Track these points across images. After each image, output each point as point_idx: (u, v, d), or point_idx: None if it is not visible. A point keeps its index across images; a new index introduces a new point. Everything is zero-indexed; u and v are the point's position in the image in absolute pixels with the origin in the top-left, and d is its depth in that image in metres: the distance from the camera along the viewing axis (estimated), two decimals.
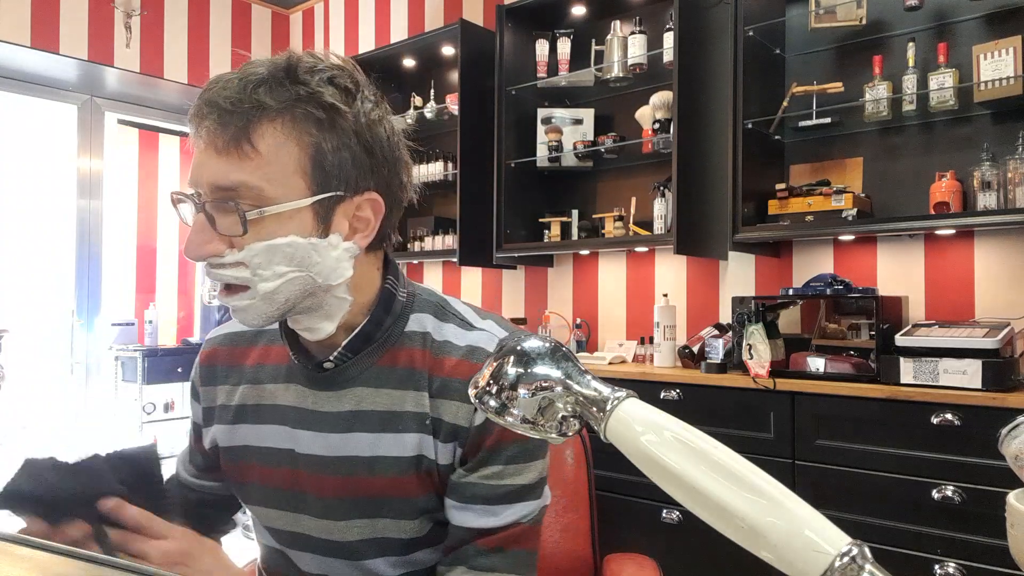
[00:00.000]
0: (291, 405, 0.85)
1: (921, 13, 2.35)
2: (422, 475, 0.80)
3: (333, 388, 0.83)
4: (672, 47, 2.68)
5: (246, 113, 0.71)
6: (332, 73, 0.76)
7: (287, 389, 0.86)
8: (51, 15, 3.76)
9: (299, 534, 0.85)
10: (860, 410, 2.05)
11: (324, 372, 0.83)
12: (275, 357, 0.89)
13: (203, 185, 0.72)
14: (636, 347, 2.98)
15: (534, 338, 0.63)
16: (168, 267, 4.88)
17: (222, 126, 0.71)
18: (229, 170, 0.71)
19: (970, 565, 1.85)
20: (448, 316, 0.86)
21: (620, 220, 2.96)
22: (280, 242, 0.72)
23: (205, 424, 0.94)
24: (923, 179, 2.35)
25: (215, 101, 0.72)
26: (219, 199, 0.72)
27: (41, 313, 4.40)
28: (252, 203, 0.71)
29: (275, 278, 0.73)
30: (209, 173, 0.72)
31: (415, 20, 3.98)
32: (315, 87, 0.73)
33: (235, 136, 0.71)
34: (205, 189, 0.72)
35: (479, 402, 0.61)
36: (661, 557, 1.28)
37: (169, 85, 4.26)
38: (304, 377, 0.85)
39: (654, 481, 0.51)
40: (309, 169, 0.73)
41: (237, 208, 0.71)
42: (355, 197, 0.76)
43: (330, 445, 0.82)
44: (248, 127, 0.71)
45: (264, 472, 0.86)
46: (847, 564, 0.42)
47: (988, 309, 2.29)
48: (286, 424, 0.85)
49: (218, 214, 0.72)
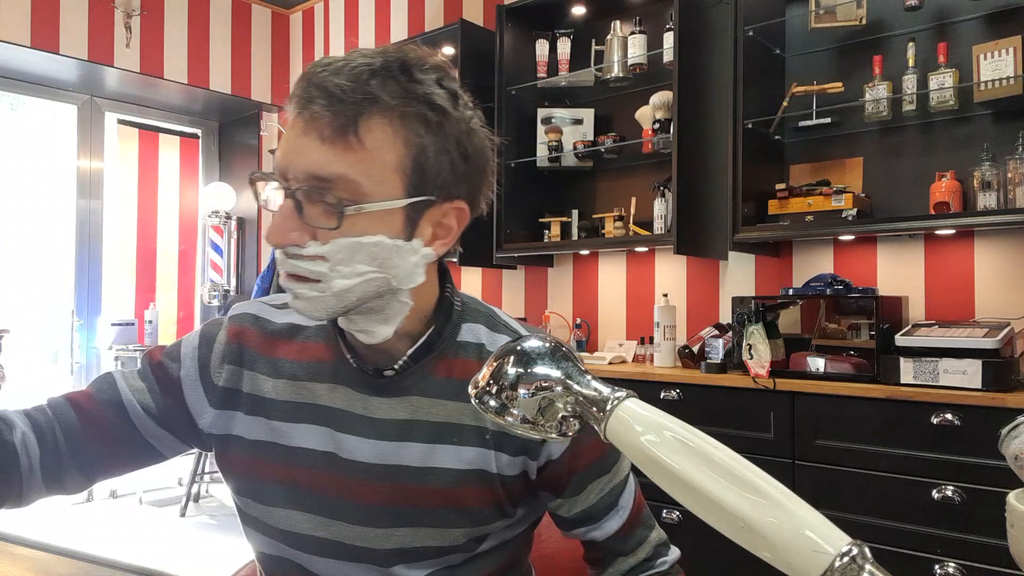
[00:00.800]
0: (338, 408, 0.81)
1: (921, 13, 2.35)
2: (480, 488, 0.80)
3: (388, 395, 0.80)
4: (672, 47, 2.68)
5: (357, 104, 0.68)
6: (440, 74, 0.74)
7: (333, 391, 0.82)
8: (51, 15, 3.76)
9: (324, 539, 0.81)
10: (860, 410, 2.05)
11: (383, 379, 0.80)
12: (313, 354, 0.84)
13: (296, 170, 0.69)
14: (636, 347, 2.98)
15: (534, 338, 0.63)
16: (168, 267, 4.88)
17: (332, 114, 0.68)
18: (330, 160, 0.68)
19: (970, 565, 1.85)
20: (499, 327, 0.85)
21: (620, 220, 2.96)
22: (367, 240, 0.70)
23: (218, 405, 0.84)
24: (923, 179, 2.35)
25: (324, 86, 0.68)
26: (314, 188, 0.69)
27: (41, 313, 4.40)
28: (346, 197, 0.69)
29: (353, 276, 0.71)
30: (307, 161, 0.69)
31: (415, 20, 3.98)
32: (429, 87, 0.71)
33: (343, 126, 0.68)
34: (298, 175, 0.69)
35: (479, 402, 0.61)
36: None
37: (169, 85, 4.26)
38: (355, 381, 0.81)
39: (654, 481, 0.51)
40: (409, 170, 0.71)
41: (337, 202, 0.69)
42: (444, 204, 0.75)
43: (380, 452, 0.79)
44: (358, 118, 0.68)
45: (294, 473, 0.81)
46: (847, 564, 0.42)
47: (988, 309, 2.29)
48: (329, 426, 0.81)
49: (308, 203, 0.69)
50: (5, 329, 3.56)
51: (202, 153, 4.96)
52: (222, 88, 4.43)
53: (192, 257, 4.93)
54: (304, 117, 0.69)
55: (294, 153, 0.69)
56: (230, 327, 0.86)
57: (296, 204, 0.69)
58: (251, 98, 4.57)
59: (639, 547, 0.85)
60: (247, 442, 0.83)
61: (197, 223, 4.91)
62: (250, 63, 4.57)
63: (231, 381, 0.84)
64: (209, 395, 0.84)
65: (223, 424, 0.84)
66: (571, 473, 0.81)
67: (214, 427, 0.84)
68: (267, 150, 4.74)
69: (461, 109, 0.75)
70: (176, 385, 0.85)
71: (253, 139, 4.73)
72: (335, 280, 0.71)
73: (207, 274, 4.79)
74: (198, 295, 4.88)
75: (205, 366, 0.85)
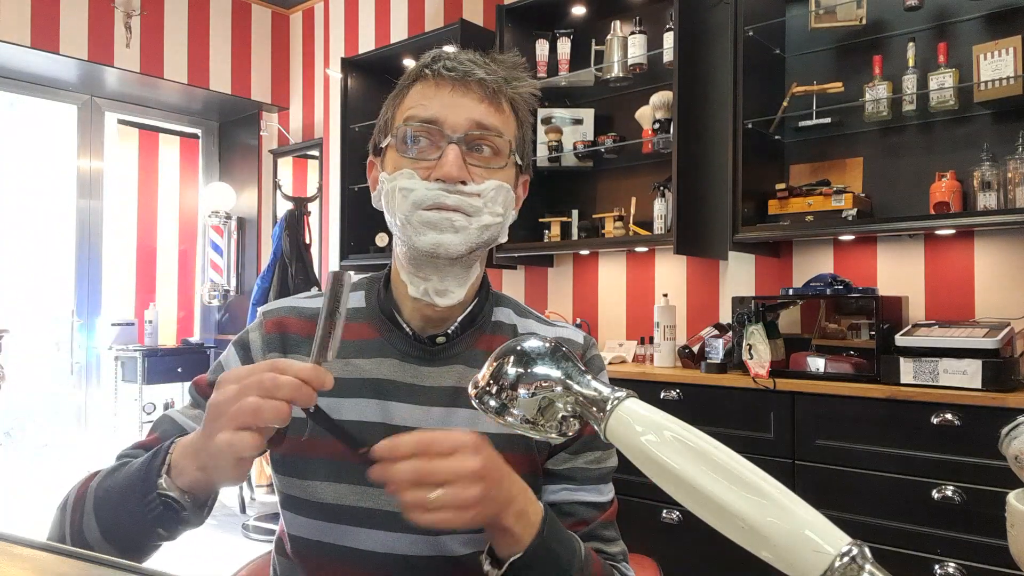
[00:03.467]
0: (387, 378, 0.86)
1: (921, 13, 2.35)
2: (518, 454, 0.85)
3: (437, 363, 0.88)
4: (672, 47, 2.68)
5: (500, 80, 0.86)
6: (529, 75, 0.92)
7: (379, 363, 0.87)
8: (51, 15, 3.76)
9: (372, 510, 0.82)
10: (860, 410, 2.05)
11: (435, 346, 0.88)
12: (357, 333, 0.89)
13: (458, 122, 0.83)
14: (636, 347, 2.98)
15: (534, 338, 0.63)
16: (168, 267, 4.87)
17: (490, 81, 0.84)
18: (487, 114, 0.84)
19: (970, 565, 1.85)
20: (526, 313, 0.98)
21: (620, 220, 2.96)
22: (506, 186, 0.86)
23: None
24: (923, 179, 2.35)
25: (474, 61, 0.85)
26: (481, 134, 0.83)
27: (41, 313, 4.40)
28: (493, 147, 0.85)
29: (493, 216, 0.84)
30: (469, 112, 0.83)
31: (415, 20, 3.98)
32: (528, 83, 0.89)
33: (495, 92, 0.85)
34: (459, 125, 0.83)
35: (479, 402, 0.61)
36: (661, 557, 1.28)
37: (169, 85, 4.26)
38: (403, 352, 0.88)
39: (654, 481, 0.51)
40: (518, 141, 0.88)
41: (509, 145, 0.85)
42: (523, 175, 0.92)
43: (431, 418, 0.85)
44: (503, 90, 0.86)
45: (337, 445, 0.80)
46: (847, 564, 0.42)
47: (988, 309, 2.29)
48: (377, 397, 0.85)
49: (471, 149, 0.84)
50: (5, 329, 3.56)
51: (202, 153, 4.96)
52: (222, 88, 4.43)
53: (192, 257, 4.93)
54: (461, 83, 0.84)
55: (454, 107, 0.83)
56: (267, 321, 0.91)
57: (462, 149, 0.82)
58: (251, 98, 4.57)
59: (614, 542, 0.90)
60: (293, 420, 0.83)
61: (197, 223, 4.91)
62: (250, 63, 4.57)
63: None
64: None
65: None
66: (581, 434, 0.88)
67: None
68: (267, 150, 4.74)
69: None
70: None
71: (253, 139, 4.73)
72: (484, 216, 0.84)
73: (207, 274, 4.79)
74: (198, 295, 4.87)
75: (249, 360, 0.89)
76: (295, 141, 4.66)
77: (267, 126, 4.76)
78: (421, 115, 0.84)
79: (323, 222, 4.43)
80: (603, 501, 0.90)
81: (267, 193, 4.70)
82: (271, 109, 4.72)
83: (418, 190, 0.82)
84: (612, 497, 0.92)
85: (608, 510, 0.91)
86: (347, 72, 3.81)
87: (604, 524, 0.90)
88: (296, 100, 4.71)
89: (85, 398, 4.38)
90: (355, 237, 3.83)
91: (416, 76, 0.87)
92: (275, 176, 4.66)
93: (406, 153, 0.84)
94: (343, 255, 3.84)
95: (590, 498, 0.89)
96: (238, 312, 4.70)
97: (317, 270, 4.15)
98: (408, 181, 0.82)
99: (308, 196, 4.23)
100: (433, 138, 0.83)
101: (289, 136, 4.71)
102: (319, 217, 4.42)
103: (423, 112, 0.84)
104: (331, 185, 4.31)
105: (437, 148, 0.83)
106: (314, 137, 4.54)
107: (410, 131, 0.84)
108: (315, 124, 4.57)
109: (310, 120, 4.61)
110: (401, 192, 0.82)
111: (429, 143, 0.83)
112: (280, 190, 4.39)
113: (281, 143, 4.75)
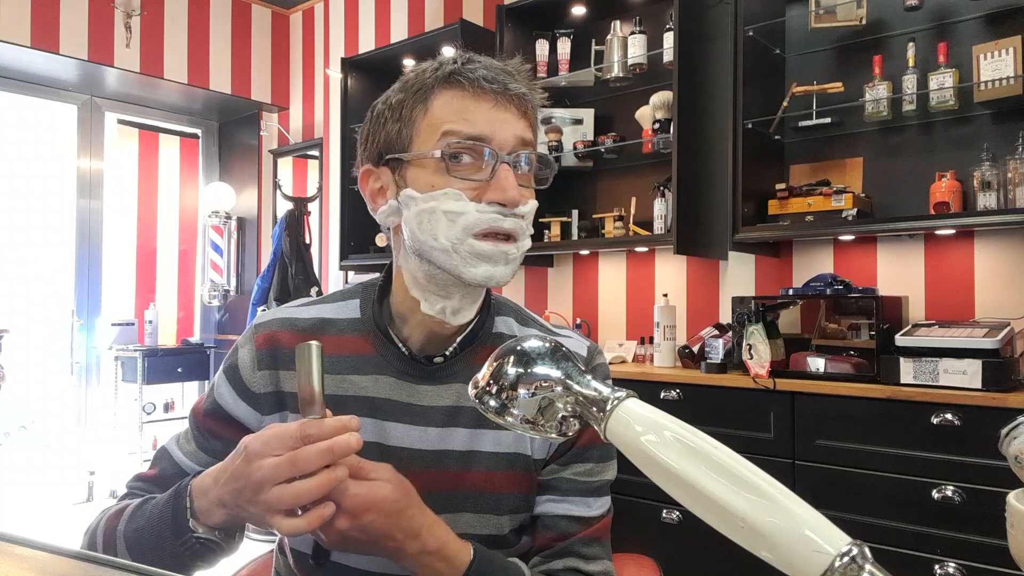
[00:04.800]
0: (383, 397, 0.83)
1: (921, 13, 2.35)
2: (516, 472, 0.83)
3: (435, 382, 0.84)
4: (672, 47, 2.68)
5: (528, 93, 0.81)
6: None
7: (376, 381, 0.84)
8: (51, 15, 3.76)
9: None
10: (860, 410, 2.05)
11: (433, 366, 0.84)
12: (352, 348, 0.85)
13: (508, 138, 0.78)
14: (636, 347, 2.98)
15: (534, 338, 0.63)
16: (168, 267, 4.88)
17: (522, 94, 0.79)
18: (527, 130, 0.80)
19: (970, 565, 1.85)
20: (528, 321, 0.93)
21: (620, 220, 2.96)
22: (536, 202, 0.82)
23: (268, 411, 0.85)
24: (923, 179, 2.35)
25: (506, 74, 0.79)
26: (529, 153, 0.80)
27: (41, 313, 4.40)
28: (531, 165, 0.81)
29: (529, 237, 0.82)
30: (519, 128, 0.79)
31: (415, 20, 3.98)
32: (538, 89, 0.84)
33: (528, 107, 0.81)
34: (512, 143, 0.78)
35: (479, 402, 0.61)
36: (661, 557, 1.28)
37: (169, 85, 4.26)
38: (400, 370, 0.84)
39: (654, 481, 0.51)
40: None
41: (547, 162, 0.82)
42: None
43: (427, 438, 0.83)
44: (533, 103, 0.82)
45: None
46: (847, 564, 0.42)
47: (988, 309, 2.29)
48: (374, 416, 0.83)
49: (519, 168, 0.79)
50: (5, 329, 3.56)
51: (202, 153, 4.96)
52: (222, 88, 4.43)
53: (192, 257, 4.93)
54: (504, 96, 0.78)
55: (500, 123, 0.78)
56: (258, 335, 0.87)
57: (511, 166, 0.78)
58: (251, 98, 4.57)
59: (595, 560, 0.85)
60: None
61: (197, 223, 4.91)
62: (250, 63, 4.57)
63: (270, 385, 0.85)
64: (255, 406, 0.86)
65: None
66: (573, 445, 0.86)
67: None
68: (267, 150, 4.74)
69: None
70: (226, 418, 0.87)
71: (253, 139, 4.73)
72: (526, 238, 0.81)
73: (207, 274, 4.79)
74: (198, 295, 4.87)
75: (239, 384, 0.86)
76: (295, 141, 4.66)
77: (267, 126, 4.76)
78: (466, 131, 0.76)
79: (323, 222, 4.43)
80: (589, 515, 0.85)
81: (267, 193, 4.70)
82: (271, 109, 4.72)
83: (469, 213, 0.75)
84: (603, 512, 0.87)
85: (594, 525, 0.86)
86: (347, 72, 3.81)
87: (586, 540, 0.85)
88: (296, 100, 4.71)
89: (85, 398, 4.38)
90: (355, 237, 3.83)
91: (443, 81, 0.79)
92: (275, 176, 4.66)
93: (451, 172, 0.76)
94: (343, 255, 3.84)
95: (574, 511, 0.85)
96: (238, 312, 4.70)
97: (317, 270, 4.15)
98: (456, 203, 0.75)
99: (308, 196, 4.23)
100: (476, 155, 0.77)
101: (289, 136, 4.71)
102: (319, 217, 4.42)
103: (467, 128, 0.76)
104: (331, 185, 4.31)
105: (479, 167, 0.77)
106: (314, 137, 4.54)
107: (451, 144, 0.76)
108: (315, 124, 4.57)
109: (310, 120, 4.61)
110: (447, 216, 0.75)
111: (471, 161, 0.77)
112: (280, 190, 4.40)
113: (281, 143, 4.75)
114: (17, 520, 3.71)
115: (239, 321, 4.62)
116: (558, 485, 0.85)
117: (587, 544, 0.84)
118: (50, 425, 4.40)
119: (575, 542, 0.84)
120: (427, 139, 0.78)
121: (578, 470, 0.85)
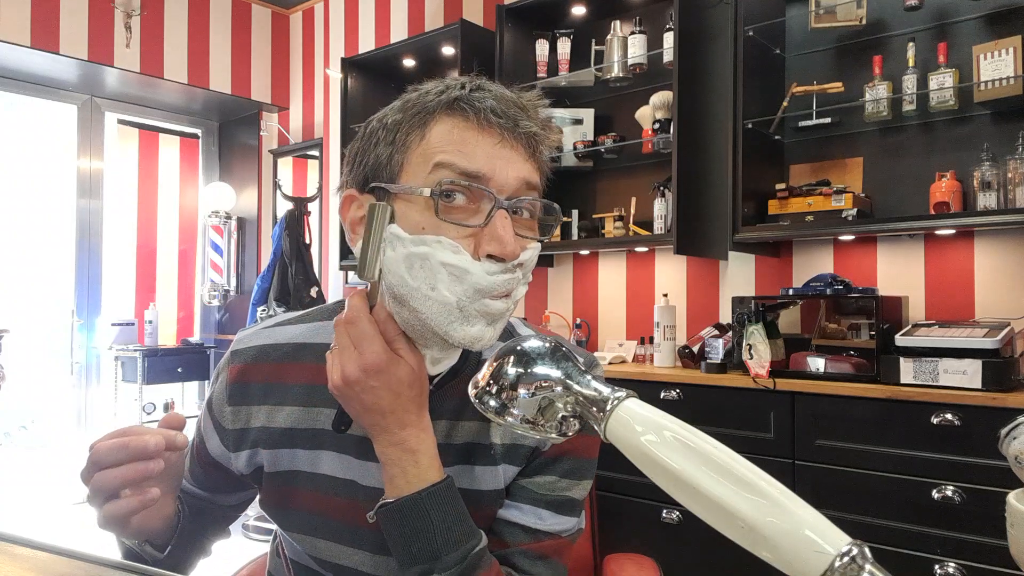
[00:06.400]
0: (359, 435, 0.77)
1: (921, 13, 2.35)
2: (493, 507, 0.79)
3: None
4: (672, 47, 2.68)
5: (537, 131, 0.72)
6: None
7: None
8: (51, 15, 3.76)
9: (346, 567, 0.79)
10: (860, 410, 2.05)
11: None
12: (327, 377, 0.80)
13: (509, 180, 0.69)
14: (636, 347, 2.98)
15: (534, 338, 0.63)
16: (168, 267, 4.87)
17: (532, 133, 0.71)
18: (533, 172, 0.72)
19: (970, 565, 1.85)
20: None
21: (620, 220, 2.96)
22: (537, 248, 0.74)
23: (235, 448, 0.83)
24: (923, 179, 2.35)
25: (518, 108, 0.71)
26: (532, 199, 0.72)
27: (41, 313, 4.40)
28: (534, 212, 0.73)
29: (525, 284, 0.74)
30: (524, 171, 0.71)
31: (415, 20, 3.98)
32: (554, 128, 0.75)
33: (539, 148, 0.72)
34: (513, 186, 0.69)
35: (479, 402, 0.61)
36: (661, 557, 1.28)
37: (169, 85, 4.26)
38: None
39: (654, 481, 0.51)
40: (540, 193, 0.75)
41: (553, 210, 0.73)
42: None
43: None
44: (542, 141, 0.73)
45: (315, 500, 0.79)
46: (847, 564, 0.42)
47: (988, 309, 2.29)
48: (349, 453, 0.78)
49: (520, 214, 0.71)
50: (5, 329, 3.56)
51: (202, 153, 4.96)
52: (222, 88, 4.43)
53: (192, 257, 4.93)
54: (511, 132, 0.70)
55: (502, 162, 0.69)
56: (231, 368, 0.84)
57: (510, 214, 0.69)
58: (251, 98, 4.57)
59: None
60: (273, 474, 0.82)
61: (197, 223, 4.91)
62: (250, 63, 4.57)
63: (240, 421, 0.83)
64: (224, 441, 0.85)
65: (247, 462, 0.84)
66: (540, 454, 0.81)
67: (246, 467, 0.84)
68: (267, 150, 4.74)
69: None
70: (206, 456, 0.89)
71: (253, 139, 4.73)
72: (520, 289, 0.73)
73: (207, 274, 4.79)
74: (198, 295, 4.87)
75: (218, 415, 0.85)
76: (295, 141, 4.66)
77: (267, 126, 4.76)
78: (461, 166, 0.68)
79: (323, 222, 4.43)
80: (538, 528, 0.79)
81: (267, 193, 4.70)
82: (271, 109, 4.72)
83: (476, 274, 0.67)
84: (558, 530, 0.79)
85: (542, 541, 0.78)
86: (347, 72, 3.81)
87: (528, 554, 0.78)
88: (296, 100, 4.71)
89: (85, 398, 4.38)
90: None
91: (446, 107, 0.70)
92: (275, 176, 4.66)
93: (442, 214, 0.67)
94: (343, 255, 3.84)
95: (520, 519, 0.78)
96: (238, 312, 4.70)
97: (317, 270, 4.15)
98: (455, 256, 0.67)
99: (308, 196, 4.22)
100: (473, 195, 0.68)
101: (289, 136, 4.71)
102: (319, 217, 4.42)
103: (463, 162, 0.68)
104: (331, 185, 4.31)
105: (475, 210, 0.68)
106: (314, 137, 4.54)
107: (443, 183, 0.67)
108: (315, 124, 4.57)
109: (310, 120, 4.61)
110: (448, 270, 0.67)
111: (466, 201, 0.68)
112: (280, 190, 4.39)
113: (281, 143, 4.75)
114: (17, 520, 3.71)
115: (239, 321, 4.63)
116: (514, 492, 0.80)
117: (531, 560, 0.78)
118: (50, 425, 4.40)
119: (515, 553, 0.78)
120: (418, 169, 0.69)
121: (537, 481, 0.80)
